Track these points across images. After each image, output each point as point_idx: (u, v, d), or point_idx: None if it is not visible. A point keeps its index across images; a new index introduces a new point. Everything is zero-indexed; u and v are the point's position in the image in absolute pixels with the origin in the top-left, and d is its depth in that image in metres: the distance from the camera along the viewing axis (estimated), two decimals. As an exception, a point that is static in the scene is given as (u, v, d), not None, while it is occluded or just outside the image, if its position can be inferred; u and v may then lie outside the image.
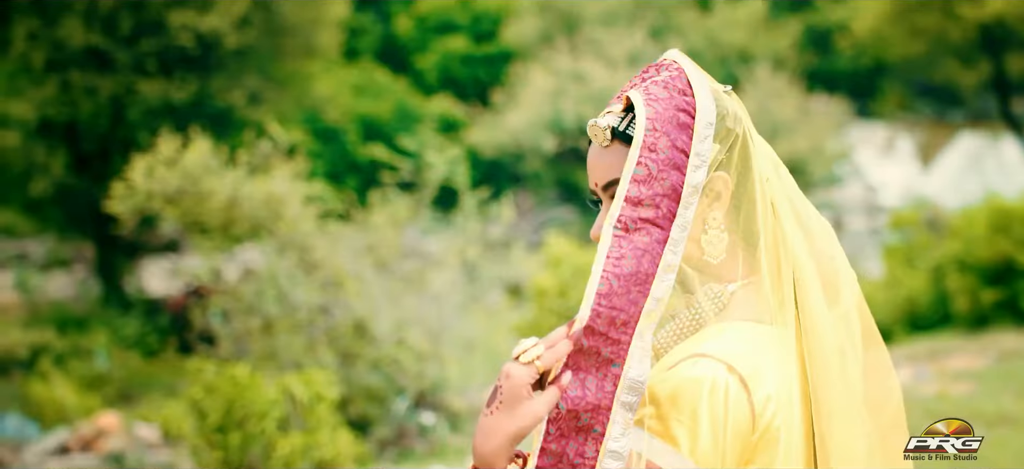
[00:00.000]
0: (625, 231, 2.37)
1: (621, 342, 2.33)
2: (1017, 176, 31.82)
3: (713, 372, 2.36)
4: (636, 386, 2.33)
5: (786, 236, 2.55)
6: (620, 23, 33.20)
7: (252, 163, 15.19)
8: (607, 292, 2.33)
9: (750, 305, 2.52)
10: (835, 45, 38.29)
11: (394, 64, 38.48)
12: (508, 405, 2.28)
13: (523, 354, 2.29)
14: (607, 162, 2.52)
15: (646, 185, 2.38)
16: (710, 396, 2.34)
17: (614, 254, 2.35)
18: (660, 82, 2.49)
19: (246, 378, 11.65)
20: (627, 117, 2.51)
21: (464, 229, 16.12)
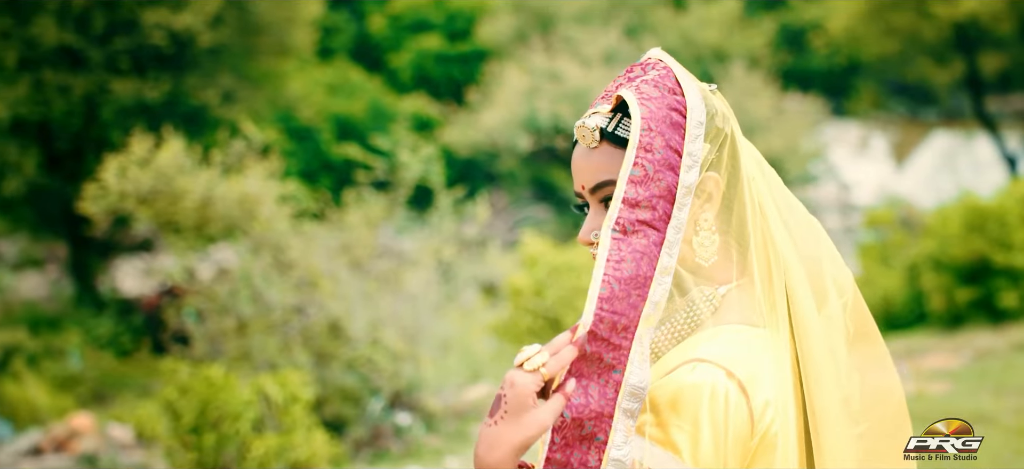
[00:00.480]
0: (623, 234, 2.34)
1: (622, 347, 2.29)
2: (991, 174, 31.93)
3: (713, 378, 2.33)
4: (637, 392, 2.30)
5: (774, 237, 2.52)
6: (595, 22, 33.19)
7: (226, 163, 15.12)
8: (609, 296, 2.29)
9: (742, 308, 2.49)
10: (809, 44, 38.34)
11: (368, 63, 38.38)
12: (513, 414, 2.23)
13: (527, 361, 2.25)
14: (595, 164, 2.48)
15: (643, 186, 2.35)
16: (711, 402, 2.31)
17: (614, 257, 2.32)
18: (650, 81, 2.46)
19: (220, 379, 11.60)
20: (615, 117, 2.47)
21: (439, 228, 16.06)
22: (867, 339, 2.66)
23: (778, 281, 2.51)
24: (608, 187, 2.45)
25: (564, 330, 11.40)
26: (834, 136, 38.14)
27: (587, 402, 2.28)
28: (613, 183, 2.44)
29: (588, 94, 29.89)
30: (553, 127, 30.78)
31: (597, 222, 2.49)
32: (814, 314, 2.52)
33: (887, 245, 21.53)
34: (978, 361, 14.87)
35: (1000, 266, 18.16)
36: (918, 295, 19.28)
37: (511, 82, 31.64)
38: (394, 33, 39.44)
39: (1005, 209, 18.66)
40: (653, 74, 2.47)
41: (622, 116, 2.46)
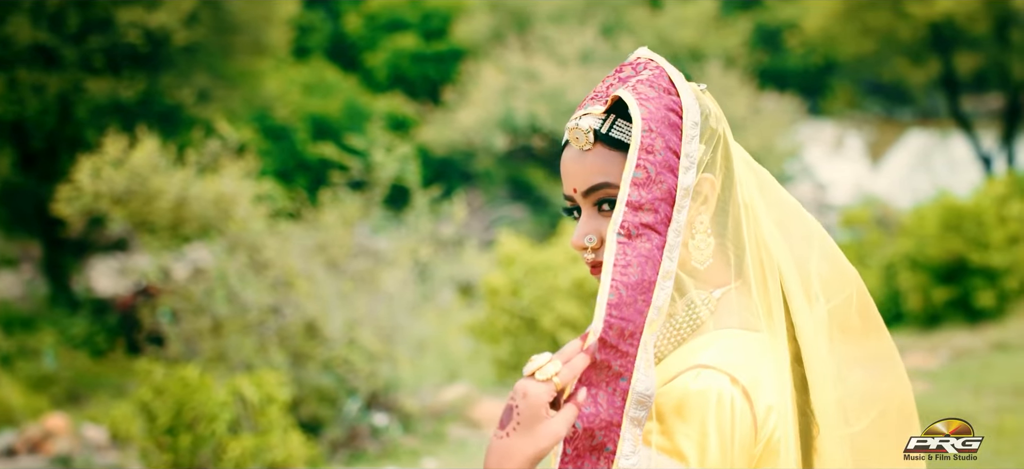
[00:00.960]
0: (628, 237, 2.30)
1: (629, 354, 2.25)
2: (966, 174, 32.00)
3: (718, 384, 2.31)
4: (644, 400, 2.26)
5: (766, 239, 2.50)
6: (571, 21, 33.20)
7: (201, 162, 15.06)
8: (617, 302, 2.25)
9: (738, 311, 2.46)
10: (785, 43, 38.41)
11: (344, 62, 38.35)
12: (526, 426, 2.18)
13: (538, 371, 2.20)
14: (589, 166, 2.45)
15: (645, 189, 2.32)
16: (717, 409, 2.28)
17: (620, 262, 2.29)
18: (645, 81, 2.43)
19: (196, 379, 11.54)
20: (609, 118, 2.43)
21: (416, 228, 16.01)
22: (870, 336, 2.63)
23: (772, 283, 2.48)
24: (603, 190, 2.42)
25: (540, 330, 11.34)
26: (810, 135, 38.22)
27: (597, 411, 2.24)
28: (608, 185, 2.41)
29: (565, 93, 29.88)
30: (529, 126, 30.75)
31: (591, 226, 2.46)
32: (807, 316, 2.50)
33: (863, 244, 21.52)
34: (956, 361, 14.89)
35: (976, 266, 18.19)
36: (895, 295, 19.29)
37: (487, 81, 31.63)
38: (370, 32, 39.41)
39: (981, 209, 18.71)
40: (647, 74, 2.44)
41: (616, 117, 2.43)
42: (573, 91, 29.94)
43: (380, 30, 39.18)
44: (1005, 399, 12.17)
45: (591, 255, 2.46)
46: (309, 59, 37.35)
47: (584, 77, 30.26)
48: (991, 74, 33.53)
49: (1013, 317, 17.82)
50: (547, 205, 31.40)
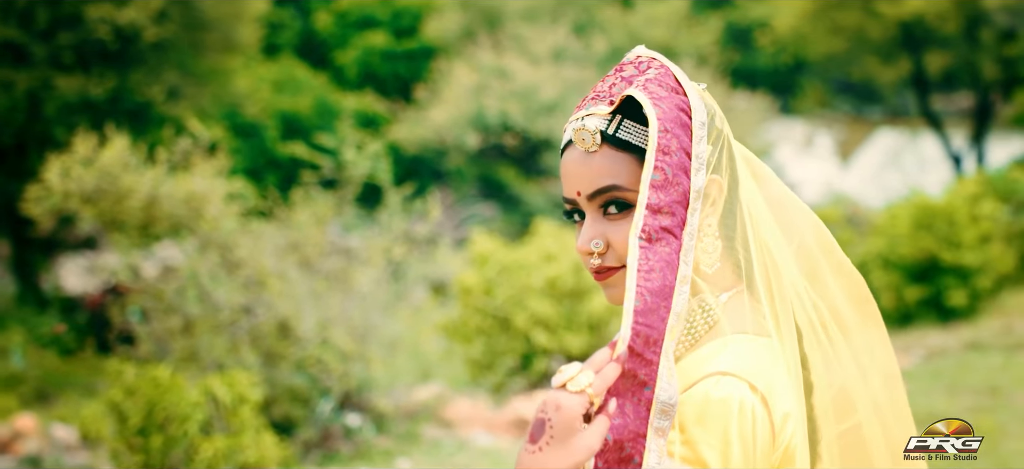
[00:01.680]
0: (649, 242, 2.26)
1: (653, 363, 2.20)
2: (936, 172, 32.13)
3: (739, 392, 2.26)
4: (667, 409, 2.20)
5: (768, 240, 2.46)
6: (543, 19, 33.18)
7: (172, 161, 14.97)
8: (643, 309, 2.20)
9: (746, 315, 2.42)
10: (756, 42, 38.48)
11: (314, 60, 38.24)
12: (560, 439, 2.10)
13: (570, 382, 2.13)
14: (596, 168, 2.39)
15: (663, 191, 2.28)
16: (739, 418, 2.24)
17: (644, 267, 2.24)
18: (654, 80, 2.37)
19: (167, 379, 11.43)
20: (615, 119, 2.36)
21: (389, 226, 15.94)
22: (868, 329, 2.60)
23: (776, 285, 2.44)
24: (610, 193, 2.37)
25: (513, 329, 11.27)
26: (780, 134, 38.34)
27: (626, 423, 2.18)
28: (615, 188, 2.36)
29: (536, 92, 29.85)
30: (501, 125, 30.71)
31: (597, 230, 2.40)
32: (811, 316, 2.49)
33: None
34: (930, 360, 14.89)
35: (948, 265, 18.21)
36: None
37: (459, 79, 31.60)
38: (340, 30, 39.31)
39: (953, 208, 18.74)
40: (653, 73, 2.39)
41: (623, 117, 2.36)
42: (545, 89, 29.94)
43: (350, 28, 39.08)
44: (981, 399, 12.17)
45: (598, 260, 2.41)
46: (279, 57, 37.22)
47: (556, 75, 30.26)
48: (961, 73, 33.70)
49: (985, 316, 17.85)
50: (519, 204, 31.37)
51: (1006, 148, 32.71)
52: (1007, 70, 32.31)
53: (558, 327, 15.77)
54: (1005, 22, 30.96)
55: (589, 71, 31.28)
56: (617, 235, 2.37)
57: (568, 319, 15.82)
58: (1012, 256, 19.80)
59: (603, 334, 16.11)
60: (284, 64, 36.81)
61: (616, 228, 2.37)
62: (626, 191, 2.35)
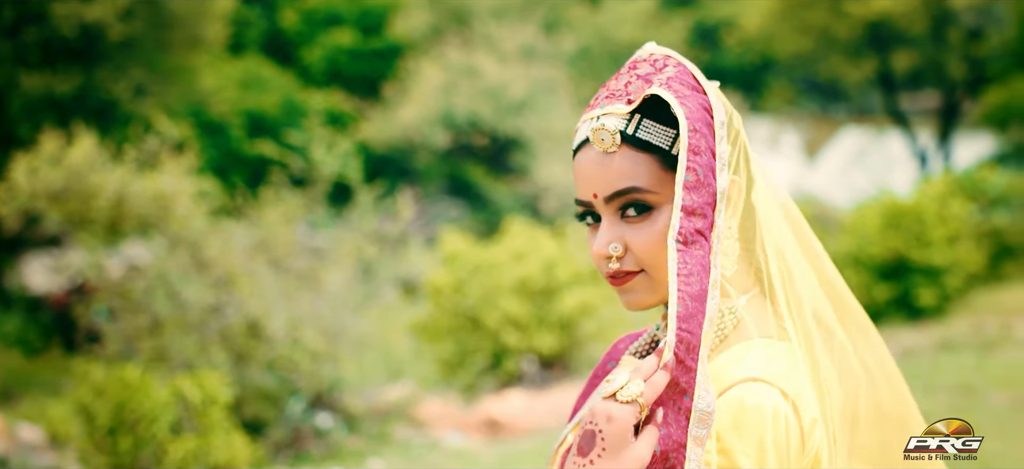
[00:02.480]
0: (684, 245, 2.18)
1: (692, 370, 2.12)
2: (902, 171, 32.20)
3: (773, 399, 2.20)
4: (705, 418, 2.12)
5: (780, 242, 2.41)
6: (511, 17, 33.13)
7: (140, 159, 14.86)
8: (685, 314, 2.12)
9: (762, 318, 2.36)
10: (723, 41, 38.54)
11: (280, 58, 38.06)
12: (613, 452, 2.03)
13: (620, 392, 2.05)
14: (615, 170, 2.29)
15: (696, 192, 2.20)
16: (773, 425, 2.18)
17: (683, 271, 2.16)
18: (675, 78, 2.29)
19: (136, 380, 11.38)
20: (634, 118, 2.29)
21: (359, 225, 15.87)
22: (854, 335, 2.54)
23: (790, 288, 2.38)
24: (629, 195, 2.28)
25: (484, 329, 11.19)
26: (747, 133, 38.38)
27: (669, 432, 2.10)
28: (635, 190, 2.27)
29: (506, 90, 29.81)
30: (470, 123, 30.65)
31: (615, 233, 2.31)
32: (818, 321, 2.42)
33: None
34: (903, 360, 14.86)
35: (917, 264, 18.25)
36: (836, 292, 19.31)
37: (427, 78, 31.53)
38: (306, 28, 39.13)
39: (922, 207, 18.78)
40: (671, 71, 2.31)
41: (642, 117, 2.29)
42: (514, 88, 29.90)
43: (317, 26, 38.91)
44: (956, 399, 12.17)
45: (616, 264, 2.32)
46: (245, 54, 37.04)
47: (525, 74, 30.22)
48: (927, 72, 33.81)
49: (954, 316, 17.90)
50: (486, 203, 31.32)
51: (972, 147, 32.80)
52: (974, 69, 32.47)
53: (529, 326, 15.73)
54: (972, 21, 31.13)
55: (558, 69, 31.26)
56: (636, 238, 2.29)
57: (539, 318, 15.79)
58: (981, 256, 19.85)
59: (574, 334, 16.07)
60: (250, 62, 36.62)
61: (635, 231, 2.29)
62: (646, 193, 2.27)
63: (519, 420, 14.51)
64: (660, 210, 2.28)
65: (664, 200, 2.27)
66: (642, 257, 2.30)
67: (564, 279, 16.05)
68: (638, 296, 2.35)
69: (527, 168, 29.42)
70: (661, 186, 2.27)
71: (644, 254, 2.29)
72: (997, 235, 21.17)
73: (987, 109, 31.03)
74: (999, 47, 31.69)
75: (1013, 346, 15.20)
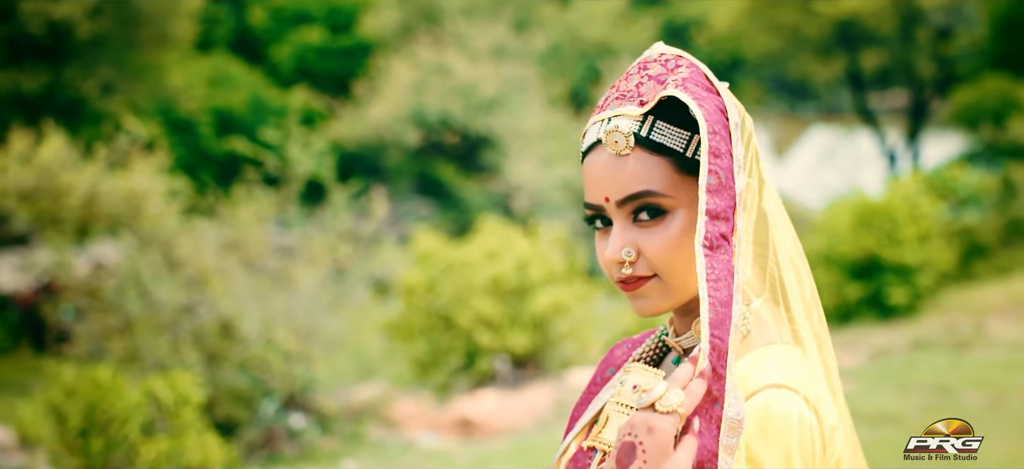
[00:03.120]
0: (710, 249, 2.12)
1: (722, 377, 2.05)
2: (872, 170, 32.30)
3: (798, 406, 2.15)
4: (735, 426, 2.05)
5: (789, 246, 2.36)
6: (482, 16, 33.08)
7: (111, 158, 14.77)
8: (716, 320, 2.06)
9: (774, 323, 2.31)
10: (692, 40, 38.58)
11: (249, 55, 37.93)
12: (654, 463, 1.96)
13: (659, 401, 1.98)
14: (628, 173, 2.23)
15: (719, 196, 2.14)
16: (799, 432, 2.14)
17: (711, 277, 2.09)
18: (690, 79, 2.23)
19: (108, 380, 11.28)
20: (648, 120, 2.23)
21: (332, 225, 15.79)
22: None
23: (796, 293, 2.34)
24: (643, 198, 2.22)
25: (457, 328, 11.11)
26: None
27: (704, 442, 2.03)
28: (649, 194, 2.21)
29: (477, 88, 29.77)
30: (441, 121, 30.61)
31: (627, 238, 2.24)
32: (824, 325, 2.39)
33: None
34: (877, 359, 14.89)
35: (889, 263, 18.28)
36: (808, 291, 19.33)
37: (398, 76, 31.46)
38: (275, 25, 39.02)
39: (893, 207, 18.80)
40: (685, 71, 2.25)
41: (655, 119, 2.23)
42: (485, 86, 29.86)
43: (285, 23, 38.80)
44: (931, 398, 12.18)
45: (628, 270, 2.25)
46: (213, 52, 36.91)
47: (496, 72, 30.17)
48: (896, 71, 33.93)
49: (926, 315, 17.93)
50: (457, 201, 31.27)
51: (941, 146, 32.93)
52: (943, 68, 32.64)
53: (502, 326, 15.69)
54: (941, 21, 31.30)
55: (529, 68, 31.22)
56: (649, 243, 2.24)
57: (511, 318, 15.75)
58: (951, 255, 19.91)
59: (547, 333, 16.03)
60: (218, 60, 36.50)
61: (648, 235, 2.24)
62: (660, 197, 2.21)
63: (492, 420, 14.48)
64: (674, 214, 2.22)
65: (678, 204, 2.22)
66: (655, 262, 2.24)
67: (537, 278, 16.01)
68: (650, 301, 2.29)
69: (498, 166, 29.39)
70: (675, 189, 2.21)
71: (657, 259, 2.24)
72: (968, 234, 21.25)
73: (957, 108, 31.17)
74: (969, 46, 31.88)
75: (986, 346, 15.23)
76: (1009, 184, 22.54)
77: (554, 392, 15.14)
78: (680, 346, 2.37)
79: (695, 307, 2.31)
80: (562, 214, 26.10)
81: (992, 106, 27.92)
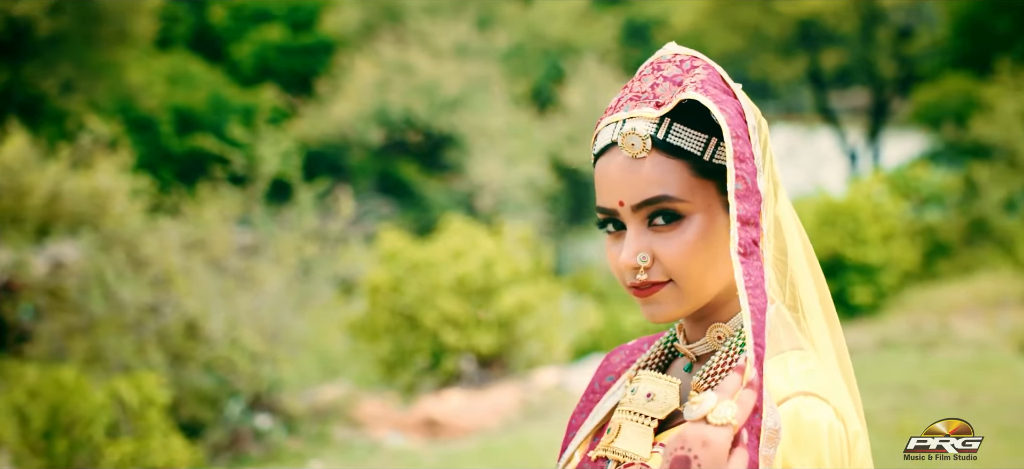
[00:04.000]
0: (745, 256, 2.06)
1: (762, 387, 1.99)
2: (833, 169, 32.42)
3: (828, 414, 2.11)
4: (773, 436, 2.00)
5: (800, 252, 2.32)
6: (444, 14, 33.02)
7: (75, 157, 14.65)
8: (757, 328, 2.00)
9: (787, 329, 2.25)
10: (653, 39, 38.62)
11: (209, 53, 37.74)
12: None
13: (711, 413, 1.89)
14: (645, 177, 2.18)
15: (747, 202, 2.08)
16: (830, 441, 2.10)
17: (750, 284, 2.04)
18: (708, 81, 2.19)
19: (72, 381, 11.20)
20: (665, 122, 2.18)
21: (298, 224, 15.70)
22: None
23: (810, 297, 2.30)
24: (659, 203, 2.17)
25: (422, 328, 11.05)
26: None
27: (750, 454, 1.97)
28: (666, 199, 2.17)
29: (440, 87, 29.73)
30: (404, 120, 30.54)
31: (642, 243, 2.19)
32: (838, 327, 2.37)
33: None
34: (844, 359, 14.94)
35: (852, 262, 18.35)
36: (772, 290, 19.40)
37: (361, 74, 31.37)
38: (235, 24, 38.83)
39: (856, 206, 18.87)
40: (702, 73, 2.21)
41: (672, 121, 2.18)
42: (448, 84, 29.81)
43: (246, 21, 38.62)
44: (901, 397, 12.23)
45: (644, 275, 2.20)
46: (173, 50, 36.72)
47: (459, 71, 30.13)
48: (856, 70, 34.11)
49: (890, 314, 18.01)
50: (419, 200, 31.22)
51: (901, 145, 33.07)
52: (903, 68, 32.80)
53: (467, 325, 15.64)
54: (902, 20, 31.46)
55: (492, 66, 31.18)
56: (665, 248, 2.19)
57: (477, 317, 15.69)
58: (914, 253, 19.99)
59: (513, 333, 15.99)
60: (178, 58, 36.32)
61: (663, 241, 2.19)
62: (677, 201, 2.17)
63: (458, 420, 14.45)
64: (690, 219, 2.18)
65: (694, 209, 2.18)
66: (671, 267, 2.19)
67: (502, 277, 15.97)
68: (664, 308, 2.24)
69: (461, 165, 29.35)
70: (692, 194, 2.17)
71: (673, 264, 2.19)
72: (930, 233, 21.36)
73: (918, 107, 31.35)
74: (930, 46, 32.03)
75: (952, 345, 15.32)
76: (971, 183, 22.63)
77: (520, 392, 15.13)
78: (693, 353, 2.32)
79: (709, 313, 2.28)
80: (526, 213, 26.10)
81: (954, 105, 28.05)
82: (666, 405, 2.24)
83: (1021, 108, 22.43)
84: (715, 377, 2.21)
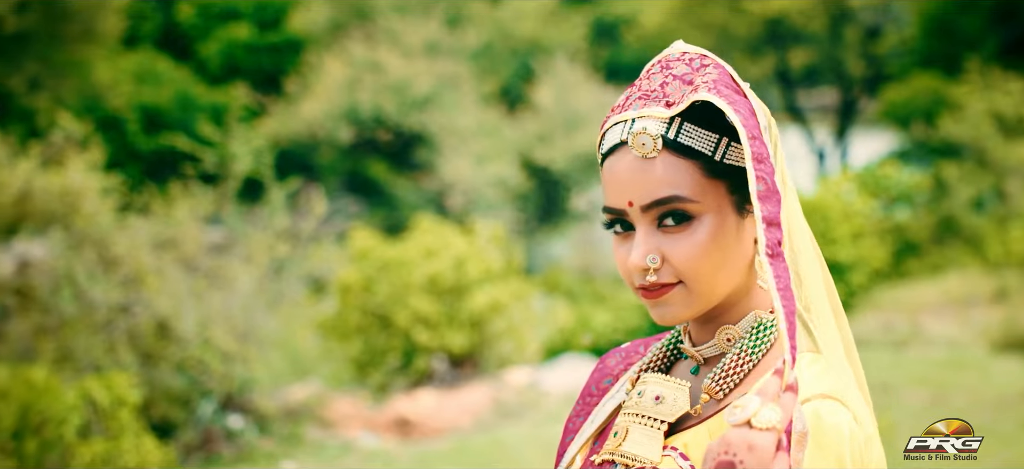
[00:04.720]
0: (772, 258, 2.04)
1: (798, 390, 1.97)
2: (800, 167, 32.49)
3: (847, 417, 2.10)
4: (801, 439, 1.98)
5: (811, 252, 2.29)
6: (414, 12, 32.97)
7: (45, 155, 14.56)
8: (792, 331, 1.98)
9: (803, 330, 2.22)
10: (622, 37, 38.65)
11: (176, 52, 37.59)
12: None
13: (754, 418, 1.87)
14: (655, 177, 2.16)
15: (769, 203, 2.07)
16: (850, 445, 2.08)
17: (780, 286, 2.02)
18: (720, 81, 2.18)
19: (42, 381, 11.12)
20: (676, 122, 2.16)
21: (269, 223, 15.64)
22: None
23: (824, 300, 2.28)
24: (670, 204, 2.15)
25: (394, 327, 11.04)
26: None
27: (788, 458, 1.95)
28: (677, 199, 2.15)
29: (410, 85, 29.69)
30: (374, 119, 30.48)
31: (652, 244, 2.17)
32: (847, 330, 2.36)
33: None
34: (816, 357, 14.98)
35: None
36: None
37: (330, 73, 31.30)
38: (202, 22, 38.68)
39: (825, 204, 18.86)
40: (714, 72, 2.20)
41: (682, 121, 2.16)
42: (419, 83, 29.77)
43: (213, 19, 38.48)
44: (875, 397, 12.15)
45: (653, 276, 2.17)
46: (139, 48, 36.57)
47: (429, 69, 30.09)
48: (824, 69, 34.22)
49: (860, 313, 18.04)
50: (388, 199, 31.18)
51: (869, 144, 33.18)
52: (872, 67, 32.91)
53: (439, 324, 15.60)
54: (870, 19, 31.59)
55: (462, 65, 31.15)
56: (674, 249, 2.16)
57: (449, 317, 15.67)
58: (884, 252, 20.01)
59: (484, 332, 15.97)
60: (144, 56, 36.17)
61: (673, 242, 2.16)
62: (687, 202, 2.14)
63: (430, 419, 14.43)
64: (701, 220, 2.16)
65: (705, 209, 2.16)
66: (681, 269, 2.17)
67: (474, 277, 15.94)
68: (674, 309, 2.21)
69: (431, 164, 29.33)
70: (703, 194, 2.15)
71: (684, 266, 2.17)
72: (900, 232, 21.40)
73: (887, 106, 31.44)
74: (898, 45, 32.17)
75: (924, 344, 15.38)
76: (941, 182, 22.73)
77: (492, 391, 15.12)
78: (700, 355, 2.30)
79: (718, 315, 2.26)
80: (496, 212, 26.06)
81: (922, 105, 28.13)
82: (677, 408, 2.21)
83: (989, 107, 22.55)
84: (729, 380, 2.19)
